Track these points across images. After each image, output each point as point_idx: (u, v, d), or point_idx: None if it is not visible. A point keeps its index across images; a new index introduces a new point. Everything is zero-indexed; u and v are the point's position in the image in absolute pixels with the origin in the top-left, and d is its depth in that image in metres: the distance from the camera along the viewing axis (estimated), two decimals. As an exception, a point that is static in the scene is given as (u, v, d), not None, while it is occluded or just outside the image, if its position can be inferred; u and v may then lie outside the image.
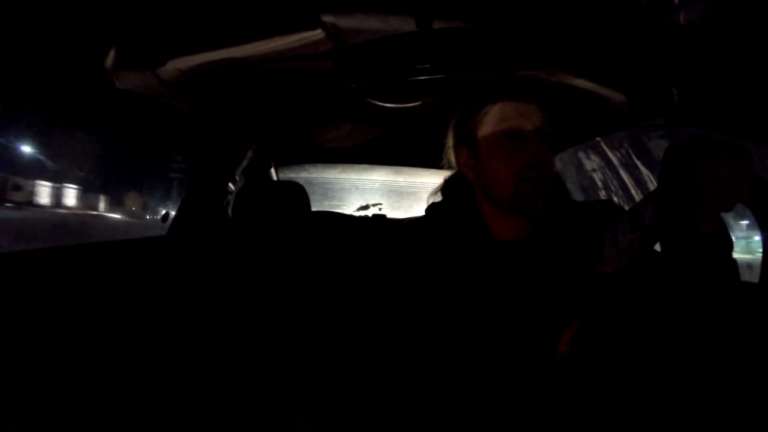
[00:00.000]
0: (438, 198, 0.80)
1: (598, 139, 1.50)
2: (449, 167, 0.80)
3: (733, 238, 0.56)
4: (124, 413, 0.96)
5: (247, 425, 0.98)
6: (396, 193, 2.37)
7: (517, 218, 0.70)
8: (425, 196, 0.83)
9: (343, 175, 2.29)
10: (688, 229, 0.53)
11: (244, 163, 1.62)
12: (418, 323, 0.68)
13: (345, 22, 0.83)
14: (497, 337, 0.65)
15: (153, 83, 0.98)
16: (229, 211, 1.54)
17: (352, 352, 0.72)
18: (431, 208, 0.79)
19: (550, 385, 0.63)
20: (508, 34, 0.87)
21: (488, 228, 0.71)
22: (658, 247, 0.60)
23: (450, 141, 0.78)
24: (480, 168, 0.71)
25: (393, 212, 2.18)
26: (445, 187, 0.80)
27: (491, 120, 0.69)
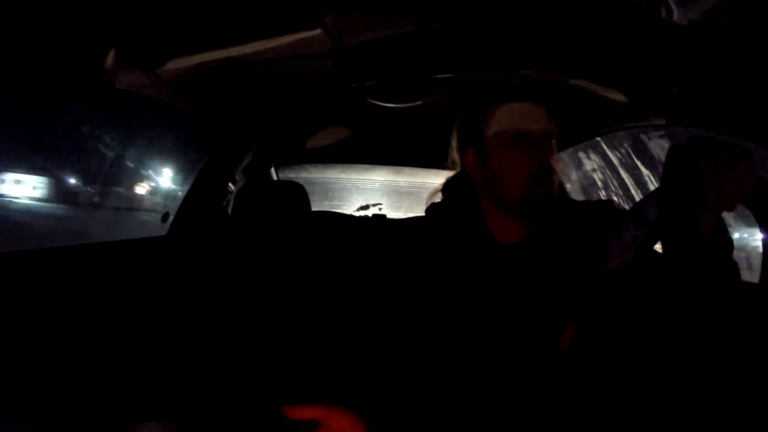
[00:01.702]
0: (438, 198, 0.80)
1: (598, 139, 1.50)
2: (453, 167, 0.79)
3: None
4: (122, 412, 0.96)
5: (245, 425, 0.98)
6: (396, 193, 2.37)
7: (521, 221, 0.69)
8: (426, 196, 0.82)
9: (343, 175, 2.29)
10: (692, 229, 0.53)
11: (244, 163, 1.62)
12: (418, 323, 0.68)
13: (345, 21, 0.83)
14: (497, 338, 0.65)
15: (153, 83, 0.98)
16: (229, 211, 1.54)
17: (351, 352, 0.73)
18: (431, 209, 0.78)
19: (550, 384, 0.63)
20: (509, 34, 0.87)
21: (489, 231, 0.71)
22: (659, 247, 0.60)
23: (455, 141, 0.77)
24: (488, 169, 0.69)
25: (393, 212, 2.18)
26: (447, 188, 0.79)
27: (500, 121, 0.68)
